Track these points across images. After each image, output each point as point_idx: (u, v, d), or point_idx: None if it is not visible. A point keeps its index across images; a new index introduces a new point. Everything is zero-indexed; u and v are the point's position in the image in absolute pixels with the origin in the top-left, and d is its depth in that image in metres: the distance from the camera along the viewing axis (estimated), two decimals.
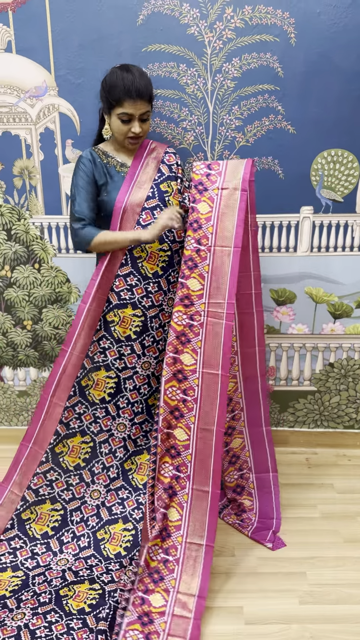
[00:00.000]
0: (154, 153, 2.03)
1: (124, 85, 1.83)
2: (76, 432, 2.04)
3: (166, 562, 1.80)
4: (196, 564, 1.79)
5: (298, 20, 2.09)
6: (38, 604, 1.74)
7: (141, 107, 1.86)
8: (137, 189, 1.96)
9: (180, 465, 1.88)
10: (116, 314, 1.99)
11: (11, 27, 2.14)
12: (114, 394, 2.04)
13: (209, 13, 2.09)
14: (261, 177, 2.27)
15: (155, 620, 1.70)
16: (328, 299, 2.44)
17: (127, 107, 1.85)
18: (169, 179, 2.00)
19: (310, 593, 1.84)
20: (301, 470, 2.49)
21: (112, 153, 2.00)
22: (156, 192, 1.98)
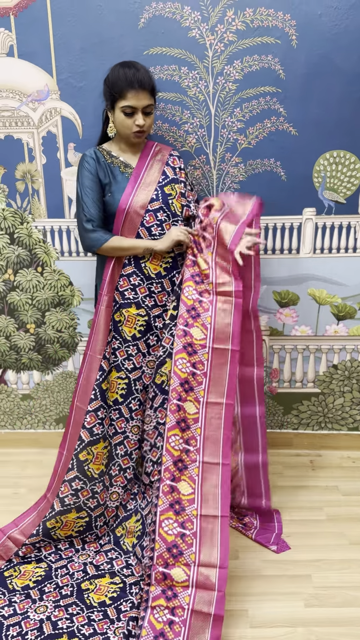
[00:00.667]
0: (159, 155, 2.02)
1: (126, 78, 1.84)
2: (99, 438, 2.00)
3: (183, 536, 1.76)
4: (213, 536, 1.76)
5: (299, 22, 2.09)
6: (60, 596, 1.81)
7: (144, 98, 1.85)
8: (141, 191, 1.95)
9: (189, 438, 1.85)
10: (122, 313, 2.00)
11: (13, 32, 2.14)
12: (126, 395, 2.04)
13: (210, 16, 2.10)
14: (263, 180, 2.27)
15: (179, 594, 1.69)
16: (331, 301, 2.44)
17: (130, 99, 1.84)
18: (173, 182, 2.00)
19: (315, 596, 1.83)
20: (306, 472, 2.48)
21: (116, 153, 1.99)
22: (160, 195, 1.97)
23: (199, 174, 2.28)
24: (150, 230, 1.96)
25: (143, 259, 1.97)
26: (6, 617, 1.72)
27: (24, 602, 1.78)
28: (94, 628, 1.69)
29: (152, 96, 1.88)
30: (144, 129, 1.90)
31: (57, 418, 2.66)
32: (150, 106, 1.88)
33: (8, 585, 1.86)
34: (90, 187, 1.93)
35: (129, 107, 1.85)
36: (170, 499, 1.79)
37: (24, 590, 1.83)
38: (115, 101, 1.87)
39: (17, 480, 2.44)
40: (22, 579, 1.88)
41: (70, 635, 1.67)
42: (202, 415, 1.85)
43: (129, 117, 1.87)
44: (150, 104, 1.88)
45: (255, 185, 2.28)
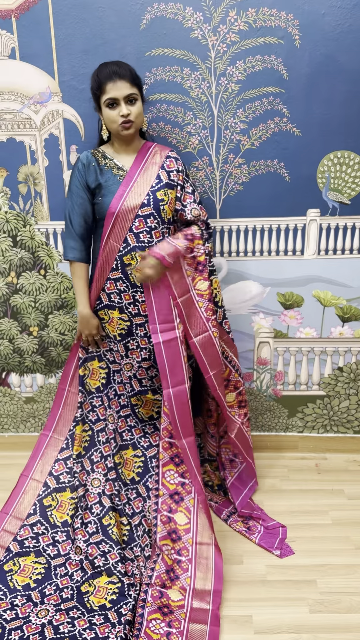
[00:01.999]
0: (155, 157, 2.00)
1: (103, 73, 1.87)
2: (78, 421, 2.15)
3: (179, 562, 1.86)
4: (208, 562, 1.86)
5: (302, 22, 2.07)
6: (61, 600, 1.81)
7: (123, 88, 1.85)
8: (132, 195, 1.94)
9: (184, 472, 1.96)
10: (106, 313, 2.05)
11: (15, 34, 2.14)
12: (105, 385, 2.15)
13: (212, 16, 2.08)
14: (267, 181, 2.25)
15: (175, 611, 1.75)
16: (336, 302, 2.42)
17: (110, 91, 1.85)
18: (166, 187, 1.97)
19: (320, 601, 1.81)
20: (311, 476, 2.46)
21: (111, 155, 1.98)
22: (152, 200, 1.95)
23: (202, 176, 2.26)
24: (138, 236, 1.95)
25: (129, 266, 1.97)
26: (8, 621, 1.72)
27: (26, 606, 1.78)
28: (96, 632, 1.68)
29: (133, 85, 1.87)
30: (131, 118, 1.87)
31: None
32: (132, 95, 1.87)
33: (9, 582, 1.86)
34: (77, 194, 1.97)
35: (110, 99, 1.86)
36: (167, 528, 1.90)
37: (25, 591, 1.83)
38: (98, 99, 1.90)
39: None
40: (23, 576, 1.88)
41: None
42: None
43: (112, 109, 1.88)
44: (131, 92, 1.87)
45: (259, 186, 2.26)
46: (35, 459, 2.16)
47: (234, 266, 2.38)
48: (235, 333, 2.46)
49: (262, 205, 2.29)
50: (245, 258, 2.37)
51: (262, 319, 2.46)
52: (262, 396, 2.56)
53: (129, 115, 1.87)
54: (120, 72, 1.85)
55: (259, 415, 2.59)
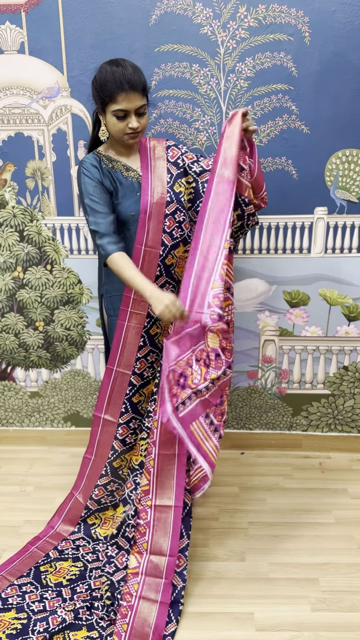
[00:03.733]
0: (157, 150, 1.93)
1: (114, 80, 1.71)
2: (132, 447, 2.02)
3: (137, 526, 1.87)
4: (166, 526, 1.85)
5: (312, 19, 2.06)
6: (90, 597, 1.80)
7: (135, 100, 1.73)
8: (155, 196, 1.87)
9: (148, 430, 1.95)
10: (159, 325, 1.94)
11: (24, 29, 2.14)
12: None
13: (222, 12, 2.08)
14: (275, 178, 2.24)
15: (128, 581, 1.79)
16: (342, 301, 2.41)
17: (121, 102, 1.73)
18: (178, 177, 1.91)
19: (322, 600, 1.80)
20: (315, 474, 2.46)
21: (115, 157, 1.89)
22: (173, 196, 1.89)
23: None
24: (172, 234, 1.89)
25: (172, 266, 1.91)
26: (35, 612, 1.73)
27: (55, 600, 1.78)
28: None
29: (144, 95, 1.76)
30: (139, 130, 1.79)
31: (65, 416, 2.66)
32: (143, 107, 1.77)
33: (42, 580, 1.87)
34: (97, 196, 1.80)
35: (121, 111, 1.74)
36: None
37: (56, 588, 1.84)
38: (105, 104, 1.76)
39: (24, 478, 2.44)
40: (57, 576, 1.89)
41: (89, 628, 1.68)
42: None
43: (121, 121, 1.76)
44: (143, 104, 1.76)
45: (267, 183, 2.22)
46: (81, 479, 2.12)
47: (240, 263, 2.37)
48: (241, 331, 2.46)
49: (269, 203, 2.24)
50: (251, 255, 2.37)
51: (268, 317, 2.45)
52: (267, 394, 2.56)
53: (138, 127, 1.78)
54: (134, 82, 1.72)
55: (263, 413, 2.59)
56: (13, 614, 1.72)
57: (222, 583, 1.88)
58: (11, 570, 1.90)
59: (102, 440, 2.03)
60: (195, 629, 1.72)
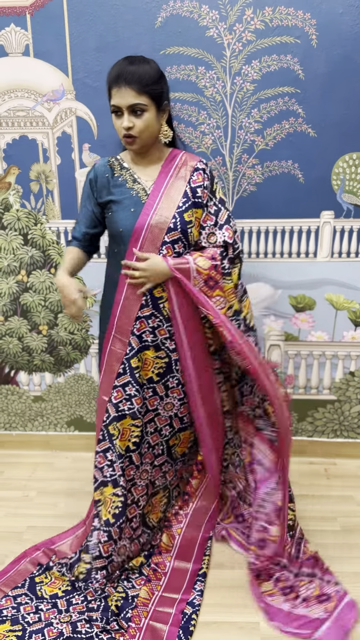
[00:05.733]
0: (183, 170, 1.73)
1: (111, 72, 1.61)
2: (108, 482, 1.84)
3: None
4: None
5: (319, 21, 2.04)
6: (86, 609, 1.75)
7: (127, 95, 1.57)
8: (157, 218, 1.69)
9: None
10: (140, 358, 1.78)
11: (29, 31, 2.12)
12: (139, 444, 1.85)
13: (228, 15, 2.06)
14: (281, 182, 2.22)
15: (138, 606, 1.77)
16: (349, 306, 2.39)
17: (114, 98, 1.60)
18: (194, 206, 1.72)
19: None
20: (320, 481, 2.43)
21: (128, 164, 1.76)
22: (179, 223, 1.70)
23: (214, 176, 2.23)
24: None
25: (161, 300, 1.74)
26: (30, 624, 1.70)
27: (50, 612, 1.75)
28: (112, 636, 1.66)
29: (141, 93, 1.58)
30: (132, 133, 1.61)
31: (69, 420, 2.64)
32: (138, 105, 1.59)
33: (37, 591, 1.83)
34: (84, 206, 1.81)
35: (115, 107, 1.62)
36: None
37: (52, 599, 1.80)
38: (109, 99, 1.66)
39: (27, 482, 2.42)
40: (52, 587, 1.85)
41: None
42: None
43: (117, 118, 1.63)
44: (137, 102, 1.58)
45: (272, 187, 2.23)
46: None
47: (245, 268, 2.33)
48: None
49: (275, 207, 2.26)
50: (257, 260, 2.35)
51: (273, 322, 2.43)
52: None
53: (131, 129, 1.61)
54: (127, 75, 1.57)
55: None
56: (8, 626, 1.69)
57: (227, 591, 1.85)
58: (5, 581, 1.87)
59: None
60: (199, 639, 1.69)
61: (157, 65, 1.66)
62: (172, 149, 1.78)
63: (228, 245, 1.79)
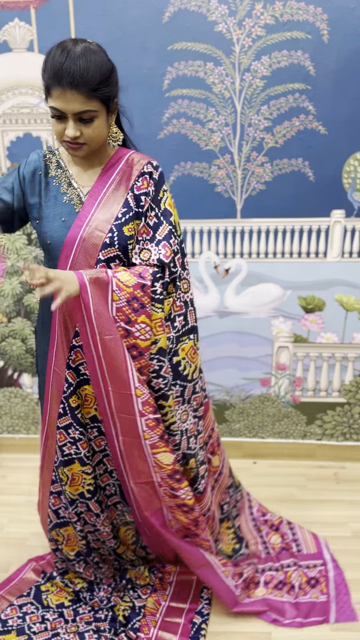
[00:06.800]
0: (126, 175, 1.47)
1: (52, 66, 1.29)
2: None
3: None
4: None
5: (331, 16, 2.00)
6: (93, 619, 1.71)
7: (73, 101, 1.30)
8: (91, 230, 1.43)
9: None
10: (79, 395, 1.55)
11: (33, 26, 2.08)
12: (94, 491, 1.64)
13: (237, 9, 2.01)
14: (290, 180, 2.18)
15: (147, 615, 1.72)
16: (359, 307, 2.34)
17: (55, 99, 1.31)
18: (136, 218, 1.46)
19: None
20: (329, 485, 2.38)
21: (66, 163, 1.50)
22: (116, 238, 1.44)
23: (223, 174, 2.19)
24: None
25: None
26: (36, 633, 1.65)
27: (57, 622, 1.71)
28: None
29: (91, 98, 1.31)
30: (81, 141, 1.37)
31: None
32: (88, 113, 1.32)
33: (43, 600, 1.78)
34: (3, 181, 1.51)
35: (55, 110, 1.33)
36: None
37: (58, 609, 1.75)
38: (45, 95, 1.36)
39: (31, 487, 2.37)
40: (59, 596, 1.80)
41: None
42: None
43: (58, 122, 1.36)
44: (85, 110, 1.32)
45: (282, 186, 2.19)
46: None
47: (254, 268, 2.31)
48: (254, 337, 2.39)
49: (284, 206, 2.22)
50: (265, 260, 2.30)
51: (282, 323, 2.39)
52: (280, 402, 2.49)
53: (78, 138, 1.36)
54: (73, 76, 1.27)
55: (276, 422, 2.52)
56: (14, 636, 1.64)
57: None
58: (10, 589, 1.82)
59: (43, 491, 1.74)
60: None
61: (105, 55, 1.36)
62: (119, 148, 1.52)
63: (164, 266, 1.48)
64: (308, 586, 1.83)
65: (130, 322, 1.44)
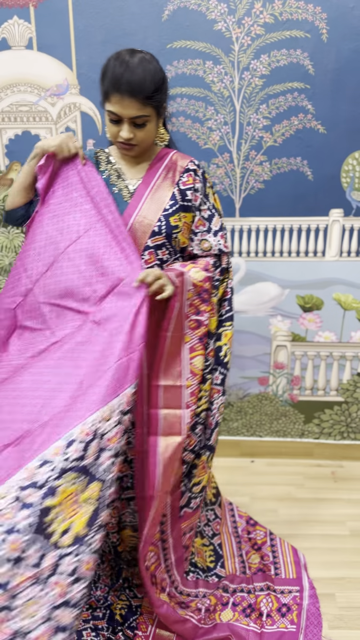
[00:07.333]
0: (171, 171, 1.59)
1: (112, 75, 1.41)
2: None
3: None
4: None
5: (330, 16, 2.00)
6: None
7: (130, 107, 1.42)
8: (141, 219, 1.55)
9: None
10: None
11: (32, 24, 2.08)
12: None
13: (237, 8, 2.01)
14: (289, 179, 2.18)
15: (144, 614, 1.72)
16: (357, 306, 2.35)
17: (113, 105, 1.43)
18: (182, 210, 1.57)
19: (340, 617, 1.74)
20: (327, 484, 2.39)
21: (115, 158, 1.62)
22: (164, 227, 1.55)
23: (221, 173, 2.20)
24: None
25: None
26: None
27: None
28: None
29: (145, 105, 1.43)
30: (133, 142, 1.49)
31: None
32: (142, 118, 1.45)
33: None
34: None
35: (113, 114, 1.45)
36: None
37: None
38: (103, 100, 1.48)
39: None
40: None
41: None
42: None
43: (114, 125, 1.48)
44: (141, 115, 1.44)
45: (281, 184, 2.19)
46: None
47: (252, 267, 2.31)
48: (252, 336, 2.40)
49: (283, 205, 2.22)
50: (264, 259, 2.30)
51: (280, 322, 2.39)
52: (278, 401, 2.49)
53: (131, 140, 1.49)
54: (132, 84, 1.40)
55: (274, 421, 2.52)
56: None
57: None
58: None
59: None
60: None
61: (158, 64, 1.49)
62: (162, 148, 1.63)
63: (222, 255, 1.65)
64: (278, 614, 1.72)
65: (199, 312, 1.58)
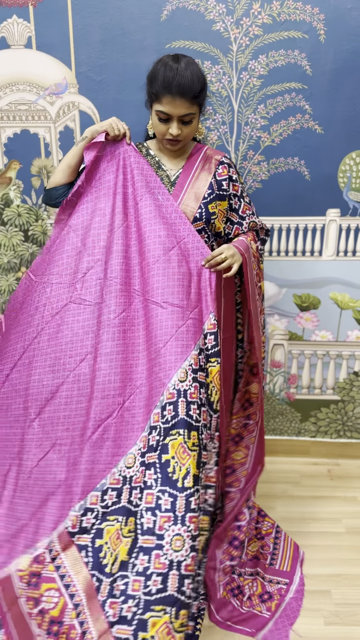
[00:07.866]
0: (207, 164, 1.77)
1: (163, 79, 1.58)
2: None
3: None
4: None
5: (328, 16, 2.02)
6: None
7: (181, 107, 1.59)
8: (184, 207, 1.72)
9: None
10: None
11: (31, 23, 2.08)
12: None
13: (235, 8, 2.02)
14: (287, 179, 2.20)
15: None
16: (354, 305, 2.36)
17: (165, 105, 1.60)
18: (218, 199, 1.75)
19: (336, 613, 1.75)
20: (323, 482, 2.41)
21: (155, 152, 1.78)
22: (204, 214, 1.73)
23: None
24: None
25: None
26: None
27: None
28: None
29: (193, 103, 1.62)
30: (179, 138, 1.67)
31: None
32: (189, 115, 1.63)
33: None
34: None
35: (163, 113, 1.62)
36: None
37: None
38: (151, 102, 1.66)
39: None
40: None
41: None
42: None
43: (163, 123, 1.65)
44: (189, 113, 1.62)
45: (278, 184, 2.20)
46: None
47: None
48: None
49: (280, 204, 2.24)
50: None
51: (277, 321, 2.40)
52: (275, 399, 2.51)
53: (179, 135, 1.66)
54: (183, 86, 1.57)
55: (270, 419, 2.54)
56: None
57: None
58: None
59: None
60: None
61: (201, 68, 1.67)
62: (196, 143, 1.82)
63: (260, 230, 1.90)
64: (258, 599, 1.78)
65: (260, 279, 1.87)
